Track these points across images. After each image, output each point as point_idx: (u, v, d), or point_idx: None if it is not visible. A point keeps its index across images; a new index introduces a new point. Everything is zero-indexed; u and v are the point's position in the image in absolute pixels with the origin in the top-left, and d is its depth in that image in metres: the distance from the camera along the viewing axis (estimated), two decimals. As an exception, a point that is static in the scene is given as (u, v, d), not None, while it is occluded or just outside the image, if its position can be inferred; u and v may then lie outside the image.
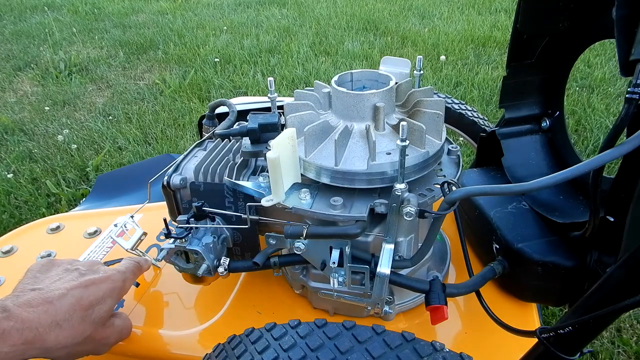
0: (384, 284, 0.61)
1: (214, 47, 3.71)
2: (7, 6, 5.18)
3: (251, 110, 0.94)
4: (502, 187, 0.57)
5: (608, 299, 0.47)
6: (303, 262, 0.70)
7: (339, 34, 3.84)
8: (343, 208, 0.61)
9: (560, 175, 0.49)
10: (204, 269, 0.68)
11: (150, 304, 0.84)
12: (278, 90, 2.85)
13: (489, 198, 0.84)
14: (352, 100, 0.65)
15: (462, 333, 0.77)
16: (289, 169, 0.61)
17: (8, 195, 2.11)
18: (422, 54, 3.32)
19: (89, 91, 3.18)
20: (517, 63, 0.85)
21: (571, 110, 2.43)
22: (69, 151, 2.43)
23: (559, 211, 0.76)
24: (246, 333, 0.58)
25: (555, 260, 0.70)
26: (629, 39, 0.52)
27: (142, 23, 4.46)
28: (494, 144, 0.91)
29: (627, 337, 1.31)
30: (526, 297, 0.80)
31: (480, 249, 0.88)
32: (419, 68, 0.75)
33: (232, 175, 0.70)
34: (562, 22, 0.77)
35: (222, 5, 4.90)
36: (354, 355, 0.48)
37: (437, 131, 0.65)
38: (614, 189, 0.60)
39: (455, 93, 2.74)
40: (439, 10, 4.23)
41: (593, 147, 2.15)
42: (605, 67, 2.89)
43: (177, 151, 2.37)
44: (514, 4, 4.11)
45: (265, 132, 0.74)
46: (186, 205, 0.75)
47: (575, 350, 0.52)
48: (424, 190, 0.65)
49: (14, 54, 3.83)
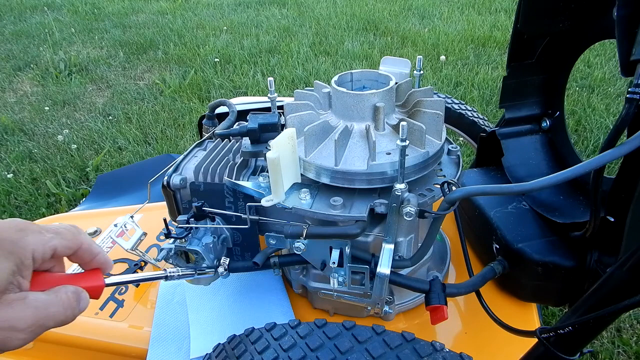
0: (384, 284, 0.61)
1: (214, 47, 3.71)
2: (7, 6, 5.18)
3: (251, 110, 0.94)
4: (502, 187, 0.57)
5: (608, 299, 0.47)
6: (303, 262, 0.70)
7: (339, 34, 3.84)
8: (343, 208, 0.61)
9: (561, 175, 0.49)
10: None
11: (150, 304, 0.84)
12: (278, 90, 2.85)
13: (489, 198, 0.84)
14: (352, 100, 0.65)
15: (462, 333, 0.77)
16: (288, 169, 0.61)
17: (8, 195, 2.11)
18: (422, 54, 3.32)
19: (89, 91, 3.18)
20: (517, 63, 0.85)
21: (571, 110, 2.43)
22: (69, 151, 2.43)
23: (559, 211, 0.76)
24: (246, 333, 0.58)
25: (555, 260, 0.70)
26: (630, 39, 0.52)
27: (142, 23, 4.46)
28: (494, 144, 0.91)
29: (627, 337, 1.31)
30: (526, 297, 0.80)
31: (480, 249, 0.88)
32: (419, 68, 0.75)
33: (232, 175, 0.70)
34: (562, 22, 0.77)
35: (222, 5, 4.90)
36: (354, 355, 0.48)
37: (437, 131, 0.65)
38: (614, 189, 0.60)
39: (455, 93, 2.74)
40: (439, 10, 4.23)
41: (593, 147, 2.15)
42: (605, 67, 2.89)
43: (177, 151, 2.37)
44: (514, 4, 4.11)
45: (265, 132, 0.74)
46: (186, 205, 0.75)
47: (575, 350, 0.52)
48: (424, 190, 0.65)
49: (14, 54, 3.83)
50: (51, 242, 0.45)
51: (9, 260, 0.42)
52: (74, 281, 0.47)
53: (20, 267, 0.43)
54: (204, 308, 0.81)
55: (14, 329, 0.42)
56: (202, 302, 0.82)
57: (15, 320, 0.42)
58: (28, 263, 0.43)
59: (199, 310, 0.80)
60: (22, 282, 0.43)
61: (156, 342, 0.77)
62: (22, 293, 0.43)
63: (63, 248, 0.46)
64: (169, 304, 0.83)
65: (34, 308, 0.43)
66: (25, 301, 0.43)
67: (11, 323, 0.42)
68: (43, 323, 0.44)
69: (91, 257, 0.49)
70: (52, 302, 0.45)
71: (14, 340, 0.42)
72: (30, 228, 0.45)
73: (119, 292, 0.89)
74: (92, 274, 0.49)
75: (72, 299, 0.46)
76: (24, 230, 0.44)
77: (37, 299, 0.44)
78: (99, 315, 0.85)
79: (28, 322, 0.43)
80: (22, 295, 0.43)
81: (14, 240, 0.43)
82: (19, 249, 0.43)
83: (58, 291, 0.46)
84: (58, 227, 0.47)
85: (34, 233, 0.44)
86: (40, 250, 0.44)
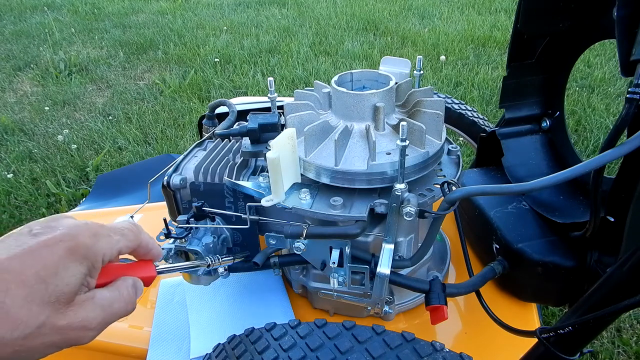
0: (384, 284, 0.61)
1: (214, 47, 3.71)
2: (7, 6, 5.18)
3: (251, 110, 0.94)
4: (502, 187, 0.57)
5: (608, 299, 0.47)
6: (303, 262, 0.70)
7: (339, 34, 3.84)
8: (343, 208, 0.61)
9: (561, 175, 0.49)
10: (204, 269, 0.68)
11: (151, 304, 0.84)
12: (278, 90, 2.85)
13: (489, 198, 0.84)
14: (352, 100, 0.65)
15: (462, 333, 0.77)
16: (288, 169, 0.61)
17: (8, 195, 2.11)
18: (422, 54, 3.32)
19: (89, 91, 3.18)
20: (517, 63, 0.85)
21: (571, 110, 2.43)
22: (69, 151, 2.43)
23: (559, 211, 0.76)
24: (246, 333, 0.58)
25: (555, 260, 0.70)
26: (630, 39, 0.52)
27: (142, 23, 4.47)
28: (494, 144, 0.91)
29: (627, 337, 1.31)
30: (526, 297, 0.80)
31: (480, 249, 0.88)
32: (419, 68, 0.75)
33: (232, 175, 0.70)
34: (562, 22, 0.77)
35: (222, 5, 4.90)
36: (354, 355, 0.48)
37: (437, 131, 0.65)
38: (614, 189, 0.60)
39: (455, 93, 2.74)
40: (439, 10, 4.23)
41: (593, 147, 2.15)
42: (605, 67, 2.89)
43: (177, 151, 2.37)
44: (514, 4, 4.11)
45: (265, 132, 0.74)
46: (186, 205, 0.75)
47: (575, 350, 0.52)
48: (424, 190, 0.65)
49: (14, 54, 3.83)
50: (118, 244, 0.48)
51: (83, 265, 0.44)
52: (130, 272, 0.50)
53: (92, 270, 0.45)
54: (204, 308, 0.81)
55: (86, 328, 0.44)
56: (202, 302, 0.82)
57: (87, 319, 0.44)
58: (98, 266, 0.46)
59: (199, 310, 0.80)
60: (90, 282, 0.45)
61: (156, 342, 0.77)
62: (91, 292, 0.45)
63: (126, 248, 0.49)
64: (169, 304, 0.83)
65: (101, 306, 0.46)
66: (94, 300, 0.45)
67: (84, 323, 0.44)
68: (109, 319, 0.47)
69: (147, 251, 0.52)
70: (115, 298, 0.47)
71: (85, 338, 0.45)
72: (101, 232, 0.47)
73: (119, 292, 0.89)
74: (144, 264, 0.52)
75: (131, 292, 0.49)
76: (96, 235, 0.46)
77: (103, 297, 0.46)
78: (99, 315, 0.84)
79: (98, 320, 0.45)
80: (91, 295, 0.45)
81: (89, 245, 0.45)
82: (92, 253, 0.45)
83: (119, 286, 0.48)
84: (123, 228, 0.50)
85: (104, 237, 0.47)
86: (109, 254, 0.47)
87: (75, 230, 0.45)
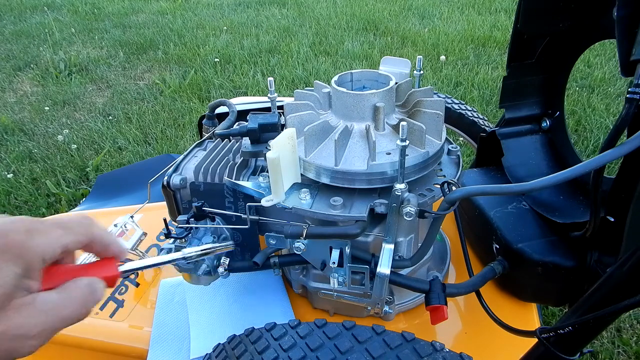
0: (384, 284, 0.61)
1: (214, 47, 3.71)
2: (7, 6, 5.18)
3: (251, 110, 0.94)
4: (502, 187, 0.57)
5: (608, 299, 0.47)
6: (303, 262, 0.70)
7: (339, 34, 3.84)
8: (343, 208, 0.61)
9: (561, 175, 0.49)
10: (204, 269, 0.68)
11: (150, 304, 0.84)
12: (278, 90, 2.85)
13: (489, 198, 0.84)
14: (352, 100, 0.65)
15: (462, 333, 0.77)
16: (288, 169, 0.61)
17: (8, 195, 2.11)
18: (422, 54, 3.32)
19: (89, 91, 3.18)
20: (517, 63, 0.85)
21: (571, 110, 2.43)
22: (69, 151, 2.43)
23: (559, 211, 0.76)
24: (246, 333, 0.58)
25: (555, 260, 0.70)
26: (630, 39, 0.52)
27: (142, 23, 4.46)
28: (494, 144, 0.91)
29: (627, 337, 1.31)
30: (526, 297, 0.80)
31: (480, 249, 0.88)
32: (419, 68, 0.75)
33: (232, 175, 0.70)
34: (562, 22, 0.77)
35: (222, 5, 4.90)
36: (354, 355, 0.48)
37: (437, 131, 0.65)
38: (614, 189, 0.60)
39: (455, 93, 2.74)
40: (439, 10, 4.23)
41: (593, 147, 2.15)
42: (605, 67, 2.89)
43: (177, 151, 2.37)
44: (514, 4, 4.11)
45: (265, 132, 0.74)
46: (186, 205, 0.75)
47: (575, 350, 0.52)
48: (424, 190, 0.65)
49: (14, 54, 3.83)
50: (60, 240, 0.42)
51: (17, 265, 0.38)
52: (86, 272, 0.44)
53: (29, 270, 0.39)
54: (204, 308, 0.81)
55: (24, 337, 0.39)
56: (202, 302, 0.82)
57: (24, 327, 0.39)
58: (37, 266, 0.40)
59: (199, 310, 0.80)
60: (31, 284, 0.40)
61: (156, 342, 0.77)
62: (31, 296, 0.40)
63: (74, 243, 0.44)
64: (169, 304, 0.83)
65: (44, 311, 0.40)
66: (34, 304, 0.39)
67: (20, 331, 0.39)
68: (55, 326, 0.41)
69: (104, 248, 0.46)
70: (64, 301, 0.41)
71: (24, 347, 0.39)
72: (38, 228, 0.41)
73: (119, 292, 0.89)
74: (105, 263, 0.46)
75: (85, 293, 0.43)
76: (31, 230, 0.40)
77: (46, 300, 0.40)
78: (99, 315, 0.85)
79: (39, 328, 0.40)
80: (31, 299, 0.40)
81: (22, 242, 0.39)
82: (28, 252, 0.40)
83: (69, 288, 0.42)
84: (68, 222, 0.44)
85: (42, 233, 0.41)
86: (50, 251, 0.41)
87: (6, 227, 0.39)
